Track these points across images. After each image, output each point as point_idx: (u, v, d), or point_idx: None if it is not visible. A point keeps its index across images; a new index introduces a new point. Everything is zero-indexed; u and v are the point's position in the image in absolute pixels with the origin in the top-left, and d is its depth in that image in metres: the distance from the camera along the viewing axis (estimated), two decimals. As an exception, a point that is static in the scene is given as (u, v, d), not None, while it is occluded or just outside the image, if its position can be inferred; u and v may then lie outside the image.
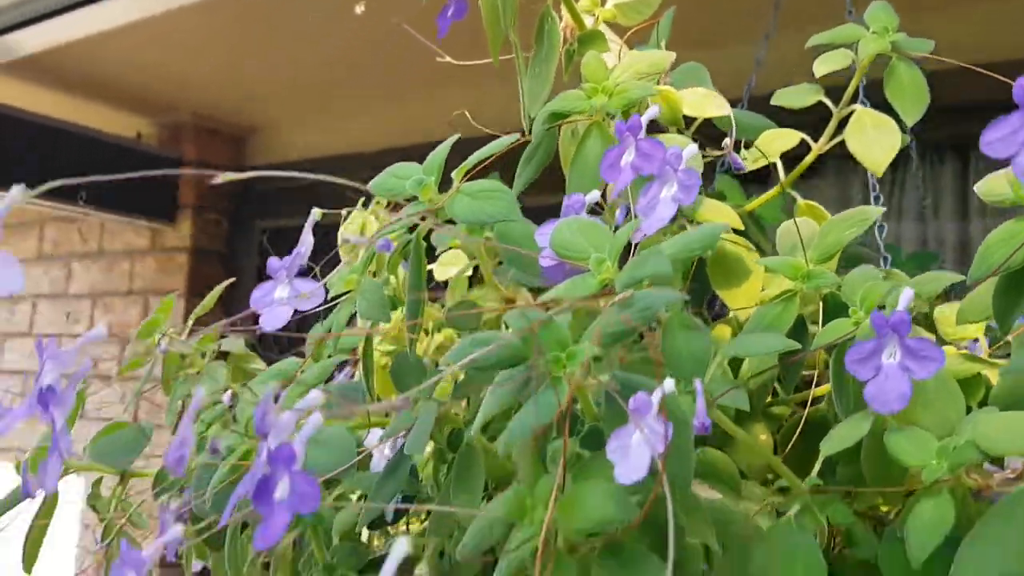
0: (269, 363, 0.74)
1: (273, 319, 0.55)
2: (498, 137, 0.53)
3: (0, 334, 2.88)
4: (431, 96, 2.19)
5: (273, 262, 0.56)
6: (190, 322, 0.81)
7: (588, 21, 0.62)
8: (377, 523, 0.61)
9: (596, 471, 0.40)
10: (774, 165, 0.66)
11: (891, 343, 0.43)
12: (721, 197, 0.66)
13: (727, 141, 0.62)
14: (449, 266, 0.66)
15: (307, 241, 0.55)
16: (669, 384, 0.38)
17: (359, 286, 0.58)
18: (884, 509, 0.52)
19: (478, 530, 0.42)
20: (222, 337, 0.79)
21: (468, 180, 0.52)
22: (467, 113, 0.74)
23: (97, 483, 0.66)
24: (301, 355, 0.66)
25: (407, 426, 0.52)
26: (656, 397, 0.36)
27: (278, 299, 0.55)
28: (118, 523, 0.64)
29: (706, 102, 0.62)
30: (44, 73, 2.14)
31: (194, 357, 0.80)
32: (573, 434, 0.44)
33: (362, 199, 0.91)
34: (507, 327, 0.43)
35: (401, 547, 0.29)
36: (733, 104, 0.94)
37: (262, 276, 2.28)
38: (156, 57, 2.08)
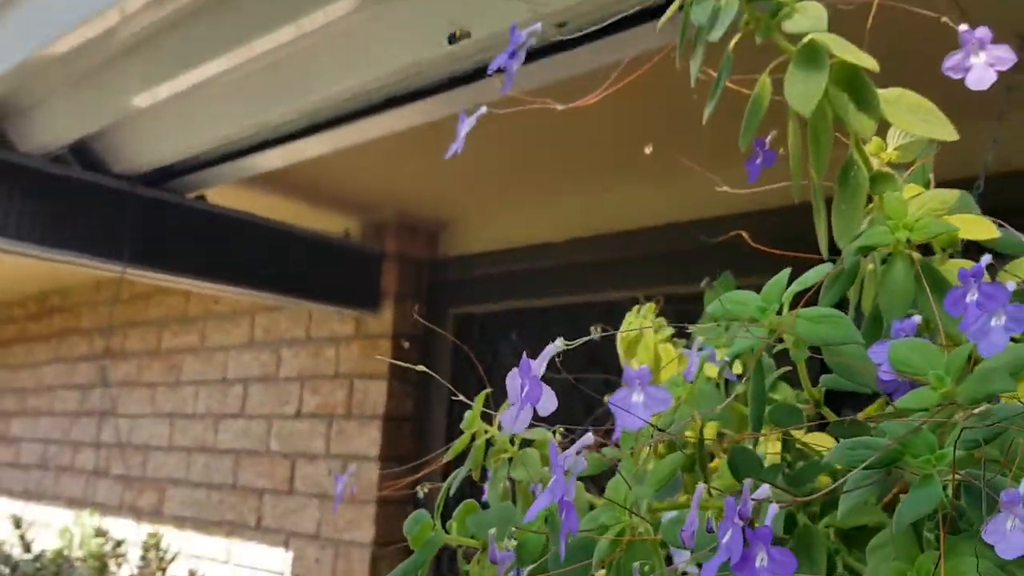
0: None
1: (630, 422, 0.67)
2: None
3: (214, 415, 3.17)
4: (609, 189, 2.34)
5: (629, 372, 0.69)
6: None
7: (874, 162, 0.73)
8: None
9: (965, 551, 0.50)
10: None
11: None
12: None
13: (988, 257, 0.72)
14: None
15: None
16: (1030, 484, 0.48)
17: (694, 392, 0.70)
18: None
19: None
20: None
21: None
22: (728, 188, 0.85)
23: (463, 553, 0.79)
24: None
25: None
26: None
27: (636, 402, 0.68)
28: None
29: (978, 226, 0.72)
30: (270, 182, 2.41)
31: (504, 443, 0.94)
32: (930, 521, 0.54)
33: (636, 306, 1.04)
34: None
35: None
36: (971, 181, 1.04)
37: (456, 359, 2.50)
38: (364, 166, 2.32)
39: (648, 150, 0.89)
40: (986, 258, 0.58)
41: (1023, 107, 1.30)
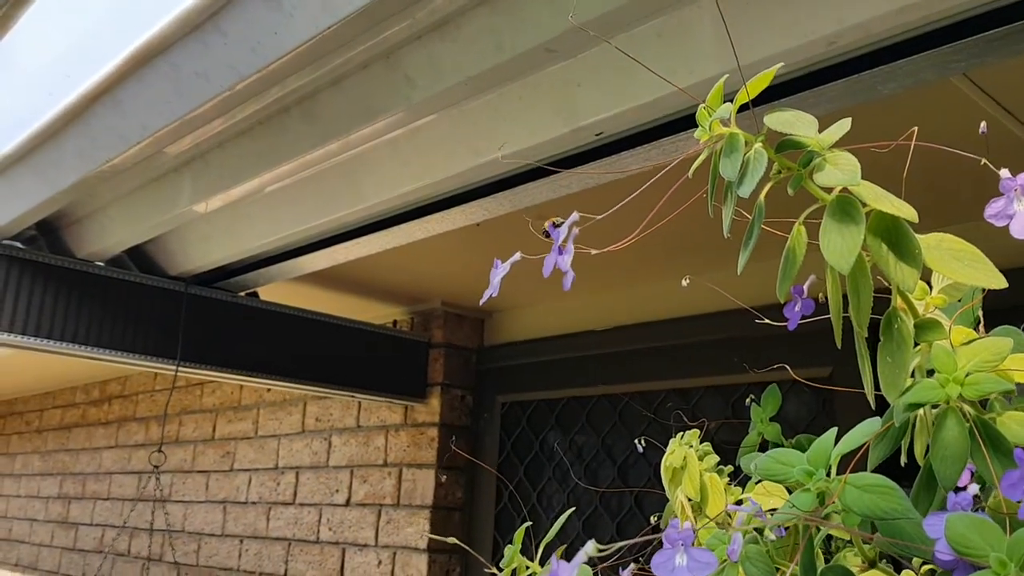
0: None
1: (676, 585, 0.65)
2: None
3: (266, 503, 3.17)
4: (648, 281, 2.32)
5: (671, 533, 0.66)
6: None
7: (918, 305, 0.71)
8: None
9: None
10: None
11: None
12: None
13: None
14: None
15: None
16: None
17: (744, 554, 0.67)
18: None
19: None
20: None
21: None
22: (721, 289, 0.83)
23: None
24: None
25: None
26: None
27: (679, 565, 0.65)
28: None
29: (1035, 370, 0.69)
30: (321, 277, 2.44)
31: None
32: None
33: (681, 434, 1.02)
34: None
35: None
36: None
37: (503, 447, 2.46)
38: (412, 262, 2.34)
39: (685, 282, 0.87)
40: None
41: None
